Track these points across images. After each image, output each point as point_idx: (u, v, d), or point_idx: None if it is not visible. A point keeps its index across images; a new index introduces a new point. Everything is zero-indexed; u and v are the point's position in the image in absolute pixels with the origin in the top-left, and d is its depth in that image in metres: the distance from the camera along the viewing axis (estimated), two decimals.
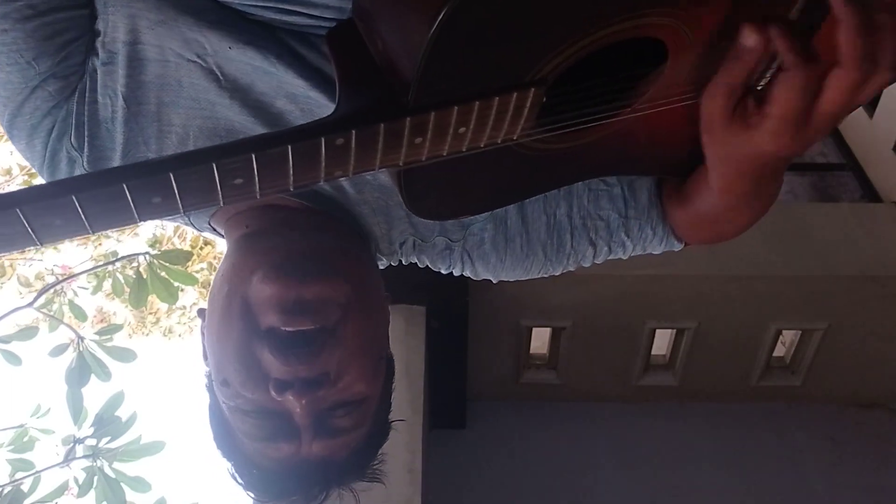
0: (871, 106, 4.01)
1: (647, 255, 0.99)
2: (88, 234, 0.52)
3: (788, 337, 3.76)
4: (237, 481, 0.88)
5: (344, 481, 0.89)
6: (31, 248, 0.52)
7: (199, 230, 0.94)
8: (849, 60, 0.62)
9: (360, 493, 0.93)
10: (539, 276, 0.98)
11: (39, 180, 0.87)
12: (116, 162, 0.83)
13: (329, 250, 0.83)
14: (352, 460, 0.87)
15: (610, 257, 0.97)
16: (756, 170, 0.75)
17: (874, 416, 3.75)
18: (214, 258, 5.56)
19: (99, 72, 0.80)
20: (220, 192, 0.55)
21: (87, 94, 0.81)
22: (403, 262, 0.98)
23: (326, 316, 0.79)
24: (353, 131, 0.58)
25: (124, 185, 0.51)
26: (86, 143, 0.82)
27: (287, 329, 0.78)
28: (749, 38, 0.64)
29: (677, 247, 0.96)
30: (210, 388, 0.87)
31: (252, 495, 0.88)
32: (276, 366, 0.78)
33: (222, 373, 0.82)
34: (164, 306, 5.85)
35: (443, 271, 0.98)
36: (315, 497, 0.87)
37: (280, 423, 0.81)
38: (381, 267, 0.98)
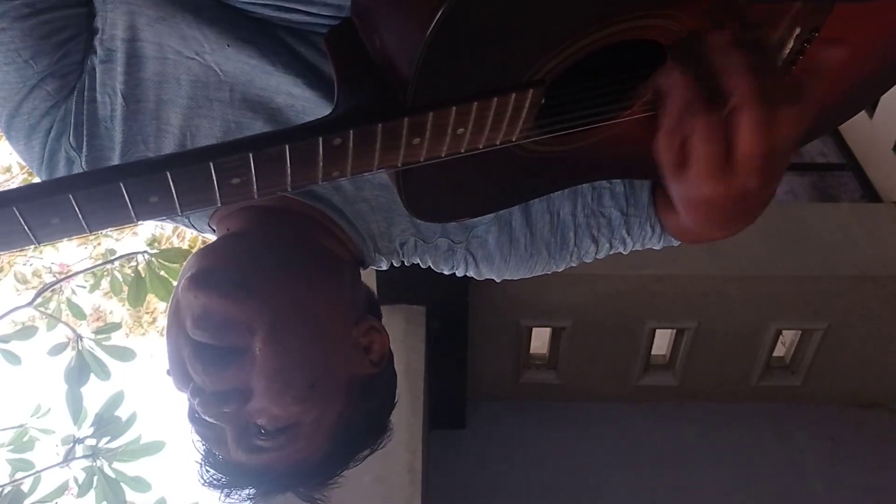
0: (871, 106, 4.01)
1: (647, 252, 0.99)
2: (86, 233, 0.52)
3: (788, 337, 3.76)
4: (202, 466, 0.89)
5: (291, 490, 0.88)
6: (29, 247, 0.51)
7: (200, 232, 0.94)
8: (742, 101, 0.62)
9: (358, 494, 0.92)
10: (542, 273, 0.98)
11: (38, 180, 0.87)
12: (115, 161, 0.83)
13: (266, 268, 0.82)
14: (294, 474, 0.86)
15: (611, 252, 0.98)
16: (708, 211, 0.72)
17: (874, 416, 3.75)
18: None
19: (97, 70, 0.80)
20: (217, 192, 0.55)
21: (85, 93, 0.80)
22: (406, 263, 0.97)
23: (230, 336, 0.78)
24: (351, 131, 0.58)
25: (121, 184, 0.51)
26: (84, 143, 0.82)
27: (197, 339, 0.78)
28: (660, 80, 0.66)
29: (676, 243, 0.96)
30: None
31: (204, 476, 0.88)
32: (192, 370, 0.79)
33: (168, 363, 0.84)
34: (160, 305, 5.84)
35: (445, 272, 0.97)
36: (254, 498, 0.87)
37: (210, 424, 0.83)
38: (383, 268, 0.97)
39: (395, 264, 0.97)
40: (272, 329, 0.79)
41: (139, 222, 0.55)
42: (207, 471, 0.87)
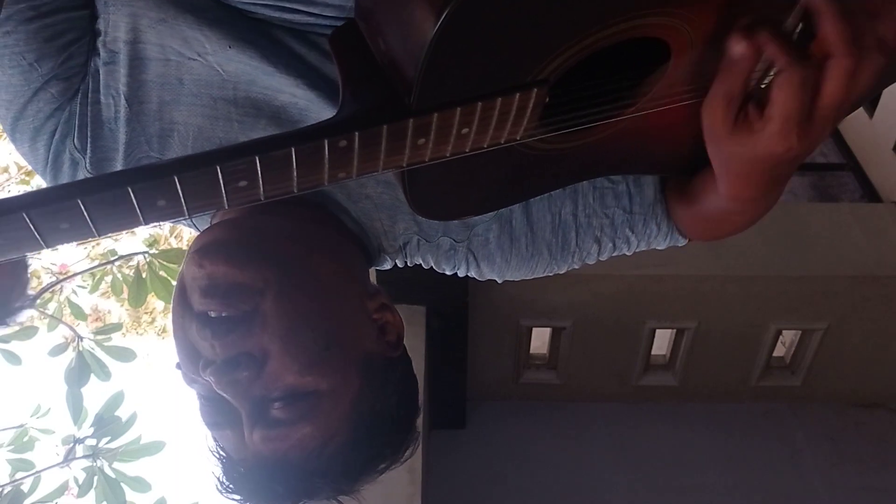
0: (872, 106, 4.02)
1: (647, 252, 0.99)
2: (94, 237, 0.52)
3: (788, 337, 3.76)
4: (217, 476, 0.86)
5: (314, 491, 0.84)
6: (38, 251, 0.52)
7: (201, 231, 0.94)
8: (838, 47, 0.62)
9: (357, 493, 0.89)
10: (544, 275, 0.98)
11: (37, 179, 0.87)
12: (119, 162, 0.83)
13: (266, 234, 0.82)
14: (314, 466, 0.82)
15: (615, 254, 0.97)
16: (765, 173, 0.73)
17: (874, 416, 3.76)
18: None
19: (101, 72, 0.80)
20: (224, 195, 0.55)
21: (89, 95, 0.81)
22: (409, 263, 0.97)
23: (239, 300, 0.77)
24: (357, 133, 0.58)
25: (129, 189, 0.51)
26: (89, 144, 0.82)
27: (205, 310, 0.77)
28: (737, 47, 0.64)
29: (681, 242, 0.96)
30: None
31: (223, 489, 0.85)
32: (202, 344, 0.77)
33: (176, 356, 0.82)
34: (159, 305, 5.85)
35: (447, 272, 0.97)
36: (278, 502, 0.83)
37: (222, 408, 0.80)
38: (387, 267, 0.97)
39: (398, 264, 0.97)
40: (280, 287, 0.78)
41: (147, 225, 0.55)
42: (224, 483, 0.85)
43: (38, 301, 3.19)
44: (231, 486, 0.85)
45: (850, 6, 0.62)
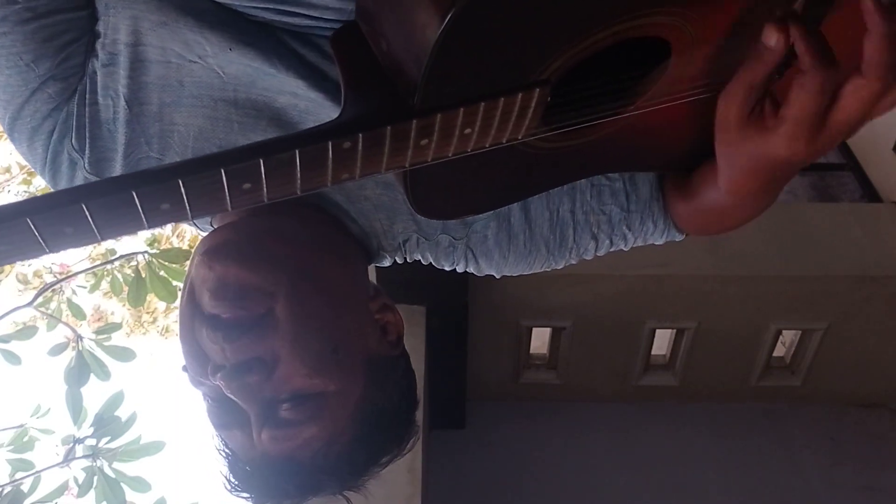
0: None
1: (647, 252, 0.99)
2: (98, 241, 0.52)
3: (788, 337, 3.77)
4: (225, 475, 0.87)
5: (321, 487, 0.85)
6: (42, 255, 0.52)
7: (202, 230, 0.94)
8: (872, 70, 0.60)
9: (357, 493, 0.90)
10: (542, 270, 0.98)
11: (39, 180, 0.87)
12: (118, 162, 0.83)
13: (276, 236, 0.83)
14: (321, 464, 0.83)
15: (612, 249, 0.98)
16: (767, 173, 0.74)
17: (874, 416, 3.76)
18: None
19: (99, 73, 0.80)
20: (228, 198, 0.55)
21: (87, 96, 0.80)
22: (408, 260, 0.98)
23: (250, 302, 0.78)
24: (360, 134, 0.58)
25: (133, 193, 0.51)
26: (87, 145, 0.82)
27: (217, 312, 0.78)
28: (771, 38, 0.63)
29: (679, 237, 0.96)
30: None
31: (231, 488, 0.87)
32: (211, 348, 0.78)
33: (182, 358, 0.83)
34: (161, 305, 5.85)
35: (446, 268, 0.98)
36: (286, 499, 0.85)
37: (231, 409, 0.81)
38: (386, 265, 0.97)
39: (397, 261, 0.97)
40: (291, 290, 0.79)
41: (150, 228, 0.55)
42: (232, 481, 0.86)
43: (39, 301, 3.19)
44: (239, 484, 0.86)
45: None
